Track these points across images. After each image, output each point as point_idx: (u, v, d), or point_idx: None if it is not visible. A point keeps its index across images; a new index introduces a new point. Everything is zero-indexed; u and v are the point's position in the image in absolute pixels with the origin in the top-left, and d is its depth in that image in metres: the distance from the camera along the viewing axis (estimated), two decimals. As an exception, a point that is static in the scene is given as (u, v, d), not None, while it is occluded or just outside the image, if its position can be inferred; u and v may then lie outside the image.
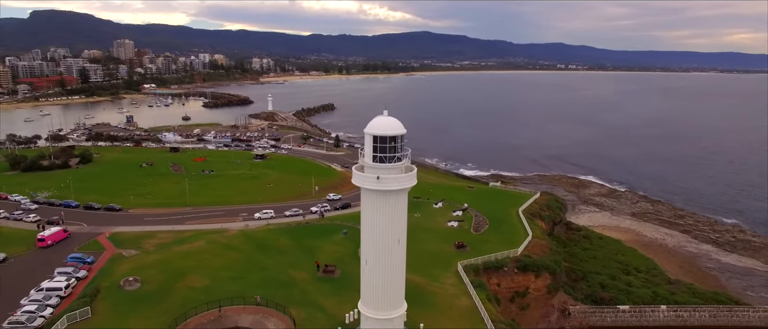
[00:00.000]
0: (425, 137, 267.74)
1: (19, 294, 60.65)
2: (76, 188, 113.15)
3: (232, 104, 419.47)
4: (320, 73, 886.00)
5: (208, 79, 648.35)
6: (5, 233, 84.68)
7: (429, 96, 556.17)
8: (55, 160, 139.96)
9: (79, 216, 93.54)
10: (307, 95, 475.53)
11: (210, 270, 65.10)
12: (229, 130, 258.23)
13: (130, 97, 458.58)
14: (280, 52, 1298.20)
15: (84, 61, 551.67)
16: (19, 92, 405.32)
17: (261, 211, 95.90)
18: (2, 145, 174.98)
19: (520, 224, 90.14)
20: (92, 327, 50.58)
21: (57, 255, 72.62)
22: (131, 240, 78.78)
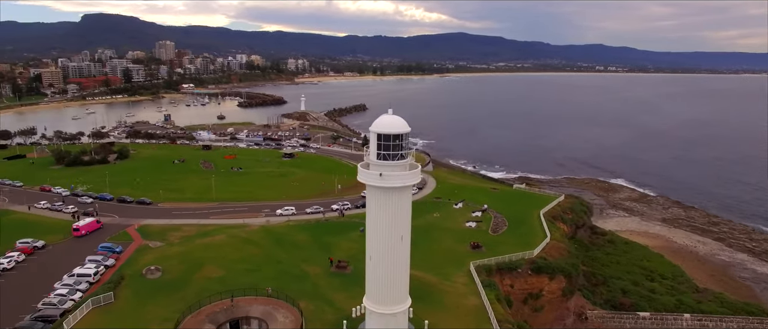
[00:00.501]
0: (454, 138, 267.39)
1: (53, 278, 64.75)
2: (111, 182, 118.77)
3: (266, 104, 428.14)
4: (354, 74, 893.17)
5: (245, 79, 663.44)
6: (46, 222, 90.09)
7: (461, 97, 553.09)
8: (95, 155, 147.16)
9: (112, 209, 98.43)
10: (340, 96, 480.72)
11: (227, 262, 67.64)
12: (261, 129, 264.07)
13: (169, 96, 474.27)
14: (315, 53, 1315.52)
15: (128, 62, 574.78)
16: (68, 91, 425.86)
17: (283, 208, 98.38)
18: (50, 141, 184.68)
19: (540, 227, 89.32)
20: (113, 311, 53.55)
21: (89, 244, 76.85)
22: (158, 232, 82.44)
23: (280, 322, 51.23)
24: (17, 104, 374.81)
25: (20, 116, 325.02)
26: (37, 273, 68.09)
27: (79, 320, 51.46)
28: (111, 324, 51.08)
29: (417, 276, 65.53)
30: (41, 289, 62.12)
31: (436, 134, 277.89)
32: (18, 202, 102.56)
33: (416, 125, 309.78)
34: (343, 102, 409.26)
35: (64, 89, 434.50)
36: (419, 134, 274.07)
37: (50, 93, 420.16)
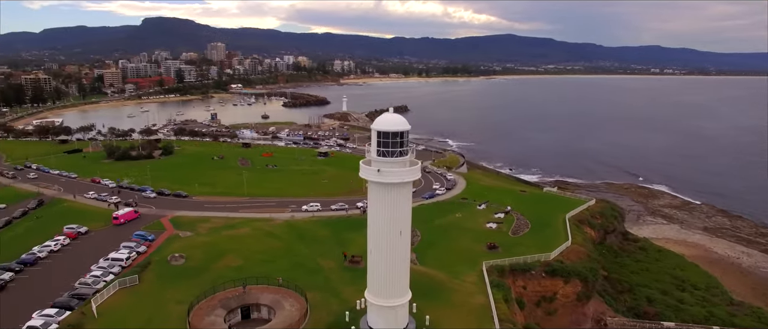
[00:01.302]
0: (494, 141, 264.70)
1: (91, 261, 70.28)
2: (154, 176, 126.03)
3: (310, 104, 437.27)
4: (399, 75, 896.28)
5: (291, 80, 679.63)
6: (91, 210, 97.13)
7: (506, 100, 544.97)
8: (141, 151, 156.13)
9: (151, 200, 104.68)
10: (383, 97, 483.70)
11: (247, 252, 71.04)
12: (302, 128, 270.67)
13: (218, 96, 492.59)
14: (362, 55, 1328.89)
15: (181, 63, 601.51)
16: (126, 91, 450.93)
17: (309, 204, 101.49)
18: (105, 137, 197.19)
19: (563, 230, 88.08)
20: (137, 292, 57.74)
21: (126, 232, 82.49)
22: (188, 223, 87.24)
23: (286, 310, 53.67)
24: (81, 103, 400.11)
25: (83, 114, 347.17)
26: (77, 255, 73.88)
27: (106, 298, 55.89)
28: (133, 303, 55.18)
29: (427, 273, 66.85)
30: (80, 270, 67.49)
31: (477, 136, 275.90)
32: (70, 192, 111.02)
33: (456, 127, 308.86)
34: (384, 103, 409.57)
35: (122, 88, 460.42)
36: (458, 135, 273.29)
37: (110, 92, 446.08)
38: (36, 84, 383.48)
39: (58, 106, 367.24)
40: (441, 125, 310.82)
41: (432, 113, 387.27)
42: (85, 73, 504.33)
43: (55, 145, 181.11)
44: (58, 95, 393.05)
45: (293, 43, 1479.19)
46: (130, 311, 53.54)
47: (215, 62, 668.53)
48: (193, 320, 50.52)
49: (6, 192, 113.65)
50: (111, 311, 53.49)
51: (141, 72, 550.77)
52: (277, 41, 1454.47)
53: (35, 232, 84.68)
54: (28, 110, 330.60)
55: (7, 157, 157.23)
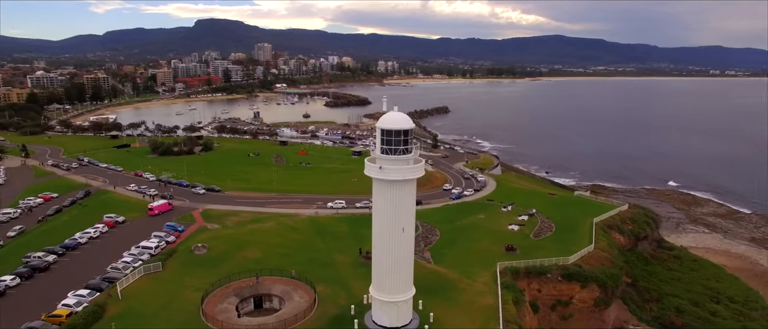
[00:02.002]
0: (533, 143, 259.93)
1: (124, 248, 75.00)
2: (192, 171, 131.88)
3: (351, 104, 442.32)
4: (444, 76, 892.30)
5: (335, 80, 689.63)
6: (130, 201, 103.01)
7: (550, 102, 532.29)
8: (183, 147, 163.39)
9: (185, 194, 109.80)
10: (425, 98, 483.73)
11: (267, 245, 73.67)
12: (340, 128, 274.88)
13: (263, 95, 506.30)
14: (408, 56, 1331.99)
15: (228, 63, 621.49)
16: (176, 89, 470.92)
17: (334, 201, 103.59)
18: (152, 133, 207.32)
19: (587, 235, 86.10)
20: (159, 278, 61.25)
21: (159, 223, 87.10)
22: (218, 216, 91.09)
23: (295, 301, 55.58)
24: (135, 101, 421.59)
25: (136, 111, 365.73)
26: (113, 242, 78.84)
27: (131, 283, 59.65)
28: (154, 288, 58.63)
29: (439, 271, 67.32)
30: (113, 256, 72.15)
31: (516, 138, 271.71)
32: (114, 184, 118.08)
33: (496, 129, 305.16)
34: (426, 104, 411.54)
35: (173, 87, 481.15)
36: (497, 137, 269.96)
37: (161, 91, 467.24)
38: (95, 83, 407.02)
39: (114, 103, 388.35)
40: (480, 127, 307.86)
41: (473, 114, 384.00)
42: (140, 73, 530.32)
43: (106, 140, 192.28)
44: (115, 94, 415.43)
45: (339, 43, 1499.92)
46: (151, 295, 56.94)
47: (262, 62, 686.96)
48: (206, 306, 53.23)
49: (60, 183, 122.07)
50: (133, 294, 57.08)
51: (191, 72, 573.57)
52: (324, 42, 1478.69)
53: (80, 220, 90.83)
54: (88, 107, 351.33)
55: (64, 150, 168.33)
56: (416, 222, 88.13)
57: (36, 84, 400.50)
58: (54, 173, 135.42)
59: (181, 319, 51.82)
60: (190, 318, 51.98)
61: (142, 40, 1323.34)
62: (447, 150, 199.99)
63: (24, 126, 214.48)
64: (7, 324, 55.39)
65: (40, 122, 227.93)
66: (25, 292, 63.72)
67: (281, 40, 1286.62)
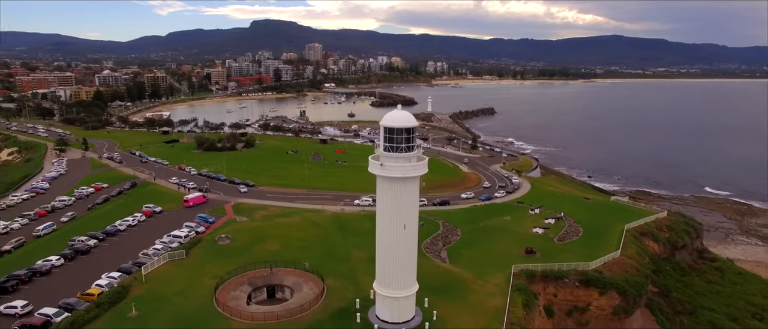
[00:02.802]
0: (580, 146, 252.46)
1: (157, 235, 79.79)
2: (230, 166, 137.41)
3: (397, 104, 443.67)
4: (493, 77, 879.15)
5: (383, 80, 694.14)
6: (170, 193, 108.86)
7: (601, 104, 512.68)
8: (226, 143, 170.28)
9: (221, 187, 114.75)
10: (472, 98, 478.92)
11: (287, 239, 76.18)
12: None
13: (312, 94, 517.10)
14: (459, 56, 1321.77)
15: (280, 63, 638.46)
16: (228, 88, 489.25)
17: (361, 198, 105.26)
18: (201, 129, 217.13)
19: (616, 241, 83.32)
20: (182, 265, 64.93)
21: (193, 214, 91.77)
22: (247, 210, 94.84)
23: (304, 292, 57.45)
24: (190, 98, 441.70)
25: (191, 108, 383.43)
26: (148, 230, 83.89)
27: (155, 267, 63.57)
28: (176, 273, 62.25)
29: (452, 271, 67.44)
30: (146, 243, 76.94)
31: (562, 140, 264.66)
32: (160, 177, 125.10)
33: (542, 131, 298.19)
34: (471, 105, 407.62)
35: (225, 86, 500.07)
36: (542, 140, 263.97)
37: (215, 89, 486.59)
38: (154, 82, 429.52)
39: (170, 101, 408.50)
40: (525, 129, 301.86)
41: (519, 116, 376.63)
42: (196, 72, 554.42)
43: (158, 135, 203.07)
44: (172, 92, 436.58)
45: (390, 44, 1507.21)
46: (171, 279, 60.49)
47: (312, 62, 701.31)
48: (219, 293, 56.00)
49: (112, 174, 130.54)
50: (156, 278, 60.83)
51: (243, 71, 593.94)
52: (375, 42, 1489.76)
53: (123, 208, 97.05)
54: (147, 104, 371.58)
55: (120, 145, 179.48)
56: (438, 222, 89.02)
57: (102, 83, 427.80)
58: (108, 165, 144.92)
59: (195, 304, 54.82)
60: (204, 302, 54.90)
61: (200, 40, 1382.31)
62: (487, 151, 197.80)
63: (87, 121, 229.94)
64: (49, 297, 60.42)
65: (101, 118, 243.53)
66: (67, 271, 69.18)
67: (332, 40, 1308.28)
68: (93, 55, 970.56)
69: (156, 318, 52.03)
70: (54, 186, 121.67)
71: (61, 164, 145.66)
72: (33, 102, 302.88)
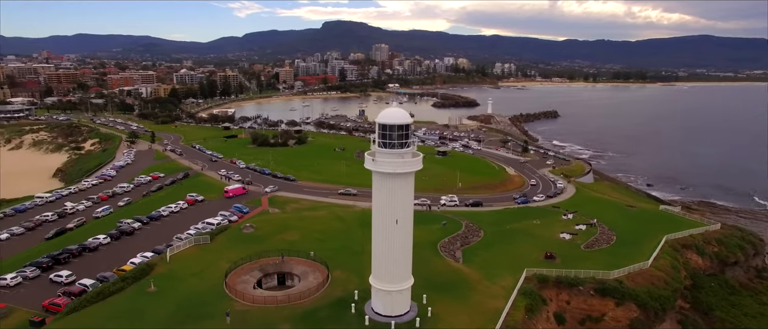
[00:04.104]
0: (643, 152, 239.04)
1: (193, 222, 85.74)
2: (279, 161, 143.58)
3: (459, 106, 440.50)
4: (564, 79, 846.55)
5: (448, 81, 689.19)
6: (216, 184, 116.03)
7: (680, 109, 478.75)
8: (279, 139, 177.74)
9: (263, 180, 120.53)
10: (535, 101, 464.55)
11: (308, 231, 79.26)
12: (439, 128, 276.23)
13: (375, 94, 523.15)
14: (530, 58, 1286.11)
15: (346, 63, 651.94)
16: (294, 87, 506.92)
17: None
18: (260, 126, 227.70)
19: (650, 251, 79.08)
20: (205, 249, 69.77)
21: (230, 204, 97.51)
22: (281, 202, 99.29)
23: (309, 280, 60.00)
24: (258, 97, 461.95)
25: (258, 106, 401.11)
26: (188, 217, 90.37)
27: (180, 250, 68.83)
28: (197, 256, 67.19)
29: (461, 270, 67.53)
30: (182, 228, 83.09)
31: (626, 146, 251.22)
32: (211, 168, 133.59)
33: (606, 136, 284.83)
34: (534, 107, 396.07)
35: (292, 85, 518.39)
36: (603, 144, 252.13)
37: (282, 88, 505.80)
38: (225, 81, 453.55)
39: (239, 99, 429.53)
40: (588, 133, 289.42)
41: (584, 120, 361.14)
42: (266, 71, 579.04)
43: (219, 131, 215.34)
44: (241, 90, 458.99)
45: (459, 44, 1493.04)
46: (191, 261, 65.31)
47: (377, 62, 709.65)
48: (230, 277, 59.77)
49: (170, 165, 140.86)
50: (178, 259, 66.00)
51: (310, 70, 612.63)
52: (444, 43, 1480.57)
53: (171, 196, 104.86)
54: (217, 101, 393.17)
55: (184, 138, 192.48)
56: (461, 222, 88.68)
57: (179, 81, 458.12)
58: (169, 156, 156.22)
59: (208, 284, 58.96)
60: (215, 284, 58.90)
61: (274, 41, 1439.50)
62: (539, 155, 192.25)
63: (159, 116, 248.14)
64: (91, 270, 67.45)
65: (171, 114, 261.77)
66: (111, 249, 76.45)
67: (402, 40, 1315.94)
68: (176, 55, 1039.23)
69: (170, 295, 56.60)
70: (119, 174, 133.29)
71: (129, 155, 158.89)
72: (118, 98, 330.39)
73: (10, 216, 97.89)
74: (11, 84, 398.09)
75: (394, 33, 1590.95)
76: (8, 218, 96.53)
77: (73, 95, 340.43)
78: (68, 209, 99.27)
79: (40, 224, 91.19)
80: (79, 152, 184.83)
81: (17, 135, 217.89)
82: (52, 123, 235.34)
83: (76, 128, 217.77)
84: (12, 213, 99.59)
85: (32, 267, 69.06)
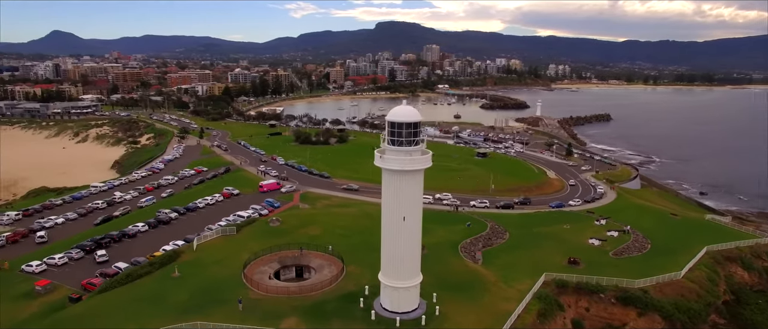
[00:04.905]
0: (702, 159, 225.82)
1: (226, 214, 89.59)
2: (318, 158, 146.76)
3: (508, 107, 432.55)
4: (621, 82, 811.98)
5: (499, 82, 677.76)
6: (253, 179, 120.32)
7: (752, 115, 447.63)
8: (320, 138, 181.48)
9: (299, 177, 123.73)
10: (588, 104, 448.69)
11: (331, 226, 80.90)
12: (485, 130, 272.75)
13: (424, 95, 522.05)
14: (587, 59, 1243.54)
15: (396, 63, 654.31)
16: (344, 86, 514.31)
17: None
18: (305, 124, 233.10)
19: (685, 262, 75.18)
20: (230, 239, 72.87)
21: (263, 198, 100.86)
22: (312, 198, 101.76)
23: (324, 273, 61.44)
24: (309, 96, 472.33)
25: (309, 105, 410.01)
26: (221, 209, 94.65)
27: (208, 239, 72.29)
28: (221, 246, 70.39)
29: (478, 271, 67.02)
30: (215, 219, 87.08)
31: (683, 152, 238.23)
32: (252, 164, 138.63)
33: (661, 142, 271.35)
34: (586, 110, 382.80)
35: (342, 84, 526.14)
36: (656, 150, 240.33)
37: (331, 88, 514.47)
38: (276, 79, 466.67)
39: (290, 98, 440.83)
40: (640, 138, 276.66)
41: (639, 123, 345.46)
42: (319, 71, 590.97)
43: (265, 128, 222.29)
44: (292, 89, 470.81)
45: (513, 45, 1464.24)
46: (215, 250, 68.44)
47: (428, 63, 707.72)
48: (249, 267, 62.15)
49: (214, 160, 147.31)
50: (204, 248, 69.38)
51: (361, 70, 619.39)
52: (497, 44, 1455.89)
53: (210, 189, 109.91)
54: (268, 100, 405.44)
55: (231, 135, 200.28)
56: (487, 223, 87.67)
57: (233, 80, 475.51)
58: (214, 152, 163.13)
59: (227, 273, 61.62)
60: (234, 273, 61.45)
61: (327, 41, 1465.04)
62: (584, 158, 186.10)
63: (210, 113, 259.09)
64: (128, 256, 72.21)
65: (222, 111, 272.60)
66: (148, 237, 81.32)
67: (454, 41, 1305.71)
68: (234, 54, 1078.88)
69: (191, 280, 59.64)
70: (167, 167, 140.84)
71: (179, 149, 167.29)
72: (176, 96, 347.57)
73: (68, 203, 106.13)
74: (84, 82, 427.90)
75: (446, 34, 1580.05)
76: (66, 205, 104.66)
77: (136, 93, 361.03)
78: (117, 198, 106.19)
79: (91, 211, 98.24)
80: (135, 145, 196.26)
81: (84, 129, 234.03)
82: (114, 119, 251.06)
83: (135, 124, 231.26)
84: (70, 200, 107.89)
85: (77, 249, 74.74)
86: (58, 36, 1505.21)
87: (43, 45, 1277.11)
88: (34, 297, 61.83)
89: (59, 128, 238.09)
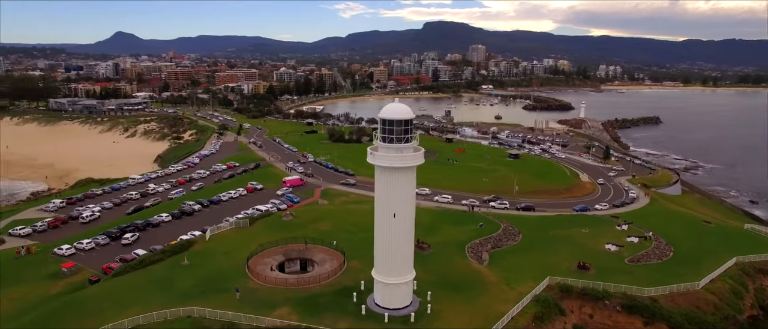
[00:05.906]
0: (755, 165, 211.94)
1: (245, 207, 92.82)
2: (346, 156, 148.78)
3: (551, 109, 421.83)
4: (677, 83, 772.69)
5: (546, 83, 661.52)
6: (280, 174, 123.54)
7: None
8: (353, 136, 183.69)
9: (324, 173, 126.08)
10: (637, 106, 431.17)
11: (341, 222, 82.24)
12: (524, 131, 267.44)
13: (467, 95, 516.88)
14: (642, 60, 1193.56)
15: (440, 63, 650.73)
16: (387, 86, 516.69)
17: (442, 195, 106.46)
18: (341, 123, 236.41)
19: (708, 272, 71.52)
20: (242, 231, 75.62)
21: (285, 193, 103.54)
22: (332, 195, 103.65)
23: (325, 267, 62.80)
24: (352, 95, 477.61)
25: (352, 104, 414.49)
26: (243, 203, 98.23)
27: (220, 231, 75.19)
28: (232, 237, 73.18)
29: (481, 272, 66.60)
30: (235, 212, 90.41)
31: (734, 158, 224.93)
32: (282, 160, 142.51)
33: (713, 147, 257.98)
34: (634, 113, 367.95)
35: (385, 84, 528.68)
36: (705, 155, 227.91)
37: (375, 87, 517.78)
38: (320, 79, 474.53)
39: (332, 97, 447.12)
40: (689, 142, 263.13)
41: (690, 127, 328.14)
42: (363, 71, 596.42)
43: (302, 126, 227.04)
44: (335, 88, 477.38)
45: (564, 46, 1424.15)
46: (225, 241, 71.20)
47: (473, 63, 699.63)
48: (254, 259, 64.35)
49: (247, 156, 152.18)
50: (215, 238, 72.39)
51: (404, 70, 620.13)
52: (548, 44, 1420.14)
53: (236, 184, 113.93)
54: (311, 98, 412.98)
55: (268, 132, 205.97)
56: (500, 224, 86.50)
57: (278, 79, 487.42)
58: (249, 148, 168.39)
59: (233, 263, 64.08)
60: (239, 263, 63.81)
61: (375, 41, 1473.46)
62: (624, 162, 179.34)
63: (251, 111, 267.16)
64: (150, 243, 76.32)
65: (262, 109, 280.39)
66: (171, 227, 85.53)
67: (504, 41, 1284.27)
68: (283, 54, 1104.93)
69: (198, 269, 62.47)
70: (202, 162, 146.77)
71: (216, 145, 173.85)
72: (222, 94, 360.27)
73: (108, 193, 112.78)
74: (139, 80, 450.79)
75: (495, 34, 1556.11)
76: (106, 195, 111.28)
77: (185, 91, 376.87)
78: (150, 190, 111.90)
79: (125, 202, 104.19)
80: (178, 141, 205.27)
81: (133, 125, 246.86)
82: (162, 115, 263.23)
83: (180, 120, 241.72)
84: (109, 191, 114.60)
85: (103, 235, 79.61)
86: (121, 37, 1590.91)
87: (107, 46, 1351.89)
88: (60, 277, 66.50)
89: (112, 123, 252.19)
